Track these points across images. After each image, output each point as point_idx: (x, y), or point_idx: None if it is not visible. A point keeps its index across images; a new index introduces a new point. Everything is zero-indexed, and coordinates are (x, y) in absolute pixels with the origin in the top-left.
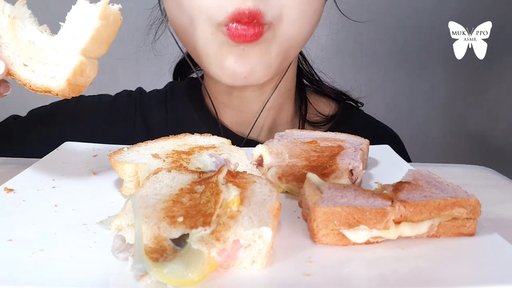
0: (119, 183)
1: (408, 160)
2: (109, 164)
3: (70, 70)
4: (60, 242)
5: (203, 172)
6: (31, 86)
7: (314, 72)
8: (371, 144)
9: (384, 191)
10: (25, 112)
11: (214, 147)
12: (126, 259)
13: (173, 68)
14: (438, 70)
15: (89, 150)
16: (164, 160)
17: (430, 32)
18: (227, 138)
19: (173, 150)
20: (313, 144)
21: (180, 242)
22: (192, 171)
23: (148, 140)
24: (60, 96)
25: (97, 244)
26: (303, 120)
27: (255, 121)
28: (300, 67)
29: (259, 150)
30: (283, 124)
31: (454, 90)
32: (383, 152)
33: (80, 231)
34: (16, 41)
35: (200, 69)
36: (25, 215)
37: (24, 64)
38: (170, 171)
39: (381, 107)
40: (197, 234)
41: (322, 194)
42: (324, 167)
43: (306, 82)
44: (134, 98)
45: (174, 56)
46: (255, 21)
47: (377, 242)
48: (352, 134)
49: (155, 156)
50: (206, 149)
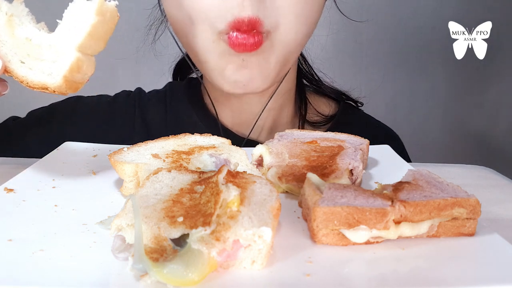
0: (119, 183)
1: (408, 160)
2: (109, 164)
3: (67, 67)
4: (60, 242)
5: (203, 172)
6: (28, 83)
7: (314, 72)
8: (371, 144)
9: (384, 191)
10: (24, 113)
11: (214, 147)
12: (126, 259)
13: (172, 68)
14: (438, 70)
15: (89, 150)
16: (164, 160)
17: (430, 32)
18: (227, 138)
19: (173, 150)
20: (313, 144)
21: (180, 242)
22: (192, 171)
23: (148, 140)
24: (57, 92)
25: (97, 244)
26: (303, 120)
27: (255, 122)
28: (300, 67)
29: (259, 150)
30: (283, 124)
31: (454, 90)
32: (383, 152)
33: (80, 231)
34: (13, 38)
35: None
36: (25, 215)
37: (22, 61)
38: (170, 171)
39: (381, 107)
40: (197, 234)
41: (322, 194)
42: (324, 167)
43: (306, 82)
44: (134, 99)
45: (174, 56)
46: (255, 30)
47: (377, 242)
48: (352, 134)
49: (155, 156)
50: (206, 149)
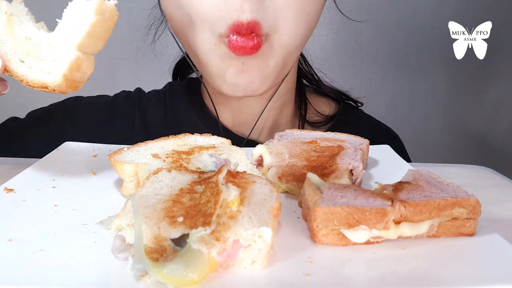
0: (119, 183)
1: (408, 160)
2: (109, 164)
3: (66, 66)
4: (60, 242)
5: (203, 172)
6: (28, 82)
7: (314, 72)
8: (371, 144)
9: (384, 191)
10: (24, 113)
11: (214, 147)
12: (126, 259)
13: (172, 68)
14: (438, 70)
15: (89, 150)
16: (164, 160)
17: (430, 32)
18: (227, 138)
19: (173, 150)
20: (313, 144)
21: (180, 242)
22: (192, 171)
23: (148, 140)
24: (57, 91)
25: (97, 244)
26: (303, 120)
27: (255, 122)
28: (300, 67)
29: (259, 150)
30: (283, 124)
31: (454, 90)
32: (383, 152)
33: (80, 231)
34: (13, 38)
35: None
36: (25, 215)
37: (21, 61)
38: (170, 171)
39: (381, 107)
40: (197, 234)
41: (322, 194)
42: (324, 167)
43: (306, 82)
44: (133, 99)
45: (174, 56)
46: (254, 33)
47: (377, 242)
48: (352, 134)
49: (155, 156)
50: (206, 149)
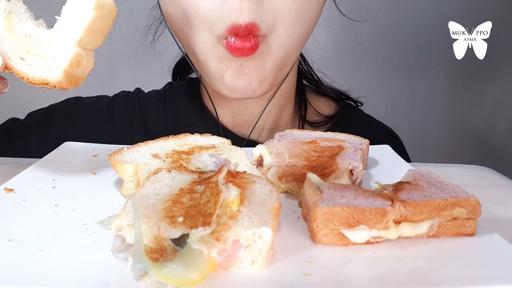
0: (119, 183)
1: (408, 160)
2: (109, 164)
3: (67, 62)
4: (60, 242)
5: (203, 172)
6: (29, 79)
7: (314, 72)
8: (371, 144)
9: (384, 191)
10: (24, 114)
11: (214, 147)
12: (126, 259)
13: (172, 68)
14: (438, 70)
15: (89, 150)
16: (164, 160)
17: (430, 32)
18: (227, 138)
19: (173, 150)
20: (313, 144)
21: (180, 242)
22: (192, 171)
23: (147, 140)
24: (58, 88)
25: (97, 244)
26: (302, 120)
27: (255, 123)
28: (299, 67)
29: (259, 150)
30: (283, 124)
31: (454, 90)
32: (383, 152)
33: (80, 231)
34: (12, 35)
35: None
36: (25, 215)
37: (21, 58)
38: (170, 171)
39: (381, 107)
40: (197, 234)
41: (322, 194)
42: (324, 167)
43: (306, 82)
44: (133, 99)
45: (174, 56)
46: (251, 35)
47: (377, 242)
48: (352, 134)
49: (155, 156)
50: (206, 149)
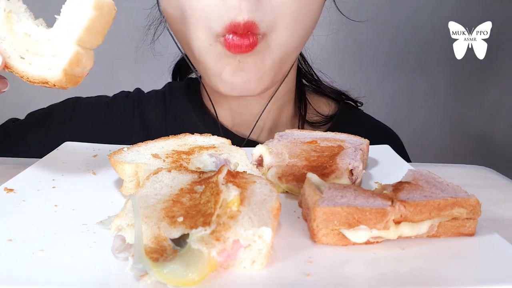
0: (119, 183)
1: (408, 160)
2: (109, 164)
3: (66, 61)
4: (60, 242)
5: (203, 172)
6: (28, 78)
7: (314, 72)
8: (371, 144)
9: (384, 191)
10: (23, 114)
11: (214, 147)
12: (126, 259)
13: (172, 68)
14: (438, 70)
15: (89, 150)
16: (164, 160)
17: (430, 32)
18: (227, 138)
19: (173, 150)
20: (313, 144)
21: (180, 242)
22: (192, 171)
23: (147, 140)
24: (57, 87)
25: (97, 244)
26: (302, 120)
27: (255, 123)
28: (299, 67)
29: (259, 150)
30: (283, 125)
31: (454, 90)
32: (383, 152)
33: (80, 231)
34: (12, 34)
35: None
36: (25, 215)
37: (21, 57)
38: (170, 171)
39: (381, 107)
40: (197, 234)
41: (322, 194)
42: (324, 167)
43: (305, 82)
44: (132, 99)
45: (173, 56)
46: (249, 32)
47: (377, 242)
48: (352, 134)
49: (155, 156)
50: (206, 149)
